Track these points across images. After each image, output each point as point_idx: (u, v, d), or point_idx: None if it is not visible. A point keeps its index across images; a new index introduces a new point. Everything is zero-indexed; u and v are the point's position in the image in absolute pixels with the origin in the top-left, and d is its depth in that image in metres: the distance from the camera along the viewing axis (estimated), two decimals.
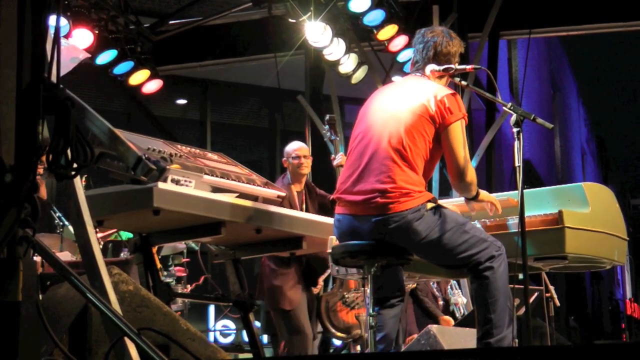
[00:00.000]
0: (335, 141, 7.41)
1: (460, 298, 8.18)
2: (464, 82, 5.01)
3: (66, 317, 4.03)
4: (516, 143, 4.58)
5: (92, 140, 4.30)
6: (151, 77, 9.08)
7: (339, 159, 6.88)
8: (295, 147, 7.46)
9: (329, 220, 5.44)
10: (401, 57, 9.54)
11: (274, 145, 16.23)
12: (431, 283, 8.07)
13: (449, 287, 8.21)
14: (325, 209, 7.13)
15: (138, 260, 5.34)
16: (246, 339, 5.94)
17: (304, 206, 7.31)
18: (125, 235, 7.69)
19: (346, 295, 7.46)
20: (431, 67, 4.87)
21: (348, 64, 9.65)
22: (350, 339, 7.48)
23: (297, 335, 7.15)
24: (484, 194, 4.86)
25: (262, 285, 7.31)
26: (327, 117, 7.52)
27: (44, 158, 2.99)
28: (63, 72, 3.05)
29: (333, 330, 7.40)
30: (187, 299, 8.47)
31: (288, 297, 7.15)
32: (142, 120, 12.86)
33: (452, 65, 4.88)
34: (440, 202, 4.88)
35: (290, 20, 9.50)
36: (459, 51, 4.98)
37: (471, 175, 4.74)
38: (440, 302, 8.15)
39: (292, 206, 7.13)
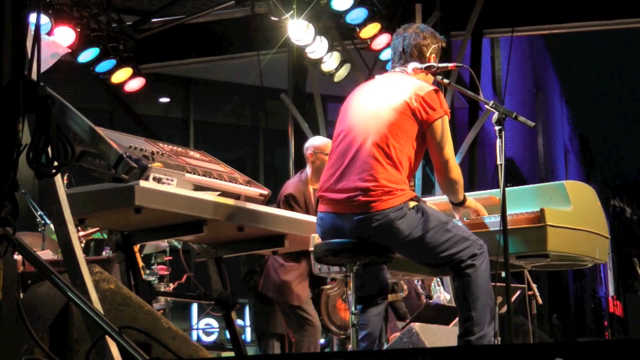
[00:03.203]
0: None
1: (443, 295, 8.19)
2: (446, 80, 5.00)
3: (47, 315, 4.02)
4: (498, 141, 4.58)
5: (73, 139, 4.29)
6: (133, 76, 9.07)
7: None
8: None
9: (311, 219, 5.43)
10: (384, 56, 9.55)
11: (257, 144, 16.22)
12: (415, 281, 8.08)
13: (433, 284, 8.22)
14: None
15: (120, 259, 5.32)
16: (229, 337, 5.93)
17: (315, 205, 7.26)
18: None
19: (347, 292, 7.47)
20: (413, 65, 4.85)
21: (331, 62, 9.66)
22: (345, 336, 7.49)
23: (307, 328, 7.13)
24: (470, 201, 4.88)
25: (267, 280, 7.27)
26: None
27: None
28: (43, 68, 3.05)
29: (331, 327, 7.41)
30: (169, 297, 8.46)
31: (296, 292, 7.12)
32: (125, 119, 12.83)
33: (434, 64, 4.87)
34: (426, 200, 4.88)
35: (272, 18, 9.51)
36: (439, 46, 4.97)
37: (456, 173, 4.74)
38: (424, 300, 8.17)
39: (307, 204, 7.10)
